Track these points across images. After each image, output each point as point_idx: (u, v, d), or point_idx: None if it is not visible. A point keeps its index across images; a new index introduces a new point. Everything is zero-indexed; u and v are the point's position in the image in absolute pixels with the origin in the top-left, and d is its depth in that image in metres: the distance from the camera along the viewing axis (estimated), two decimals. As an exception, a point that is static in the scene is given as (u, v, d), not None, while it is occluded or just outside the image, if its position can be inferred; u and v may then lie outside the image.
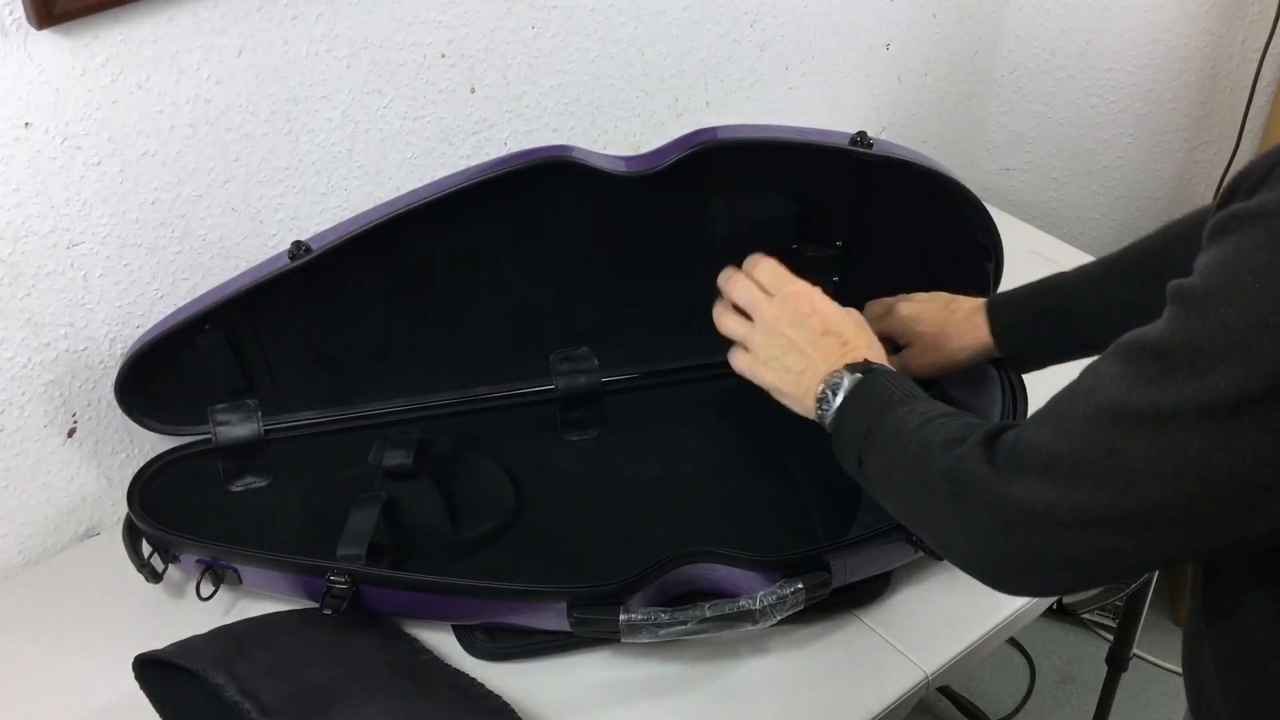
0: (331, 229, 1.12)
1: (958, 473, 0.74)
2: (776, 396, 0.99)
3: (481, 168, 1.09)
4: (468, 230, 1.15)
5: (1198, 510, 0.63)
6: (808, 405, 0.94)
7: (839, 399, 0.90)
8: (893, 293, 1.17)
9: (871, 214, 1.14)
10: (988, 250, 1.18)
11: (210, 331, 1.12)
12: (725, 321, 1.03)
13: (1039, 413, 0.72)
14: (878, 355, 0.95)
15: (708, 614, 1.00)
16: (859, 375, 0.90)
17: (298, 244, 1.08)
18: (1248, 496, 0.62)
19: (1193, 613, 0.83)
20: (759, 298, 1.00)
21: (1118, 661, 1.63)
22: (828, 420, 0.92)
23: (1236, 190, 0.65)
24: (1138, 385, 0.64)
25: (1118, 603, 1.81)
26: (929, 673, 1.06)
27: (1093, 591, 1.39)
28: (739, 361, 1.02)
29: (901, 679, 1.05)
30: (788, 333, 0.97)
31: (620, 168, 1.11)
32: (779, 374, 0.97)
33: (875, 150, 1.11)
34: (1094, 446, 0.65)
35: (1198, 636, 0.82)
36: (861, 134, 1.11)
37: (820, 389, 0.92)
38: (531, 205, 1.15)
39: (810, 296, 0.98)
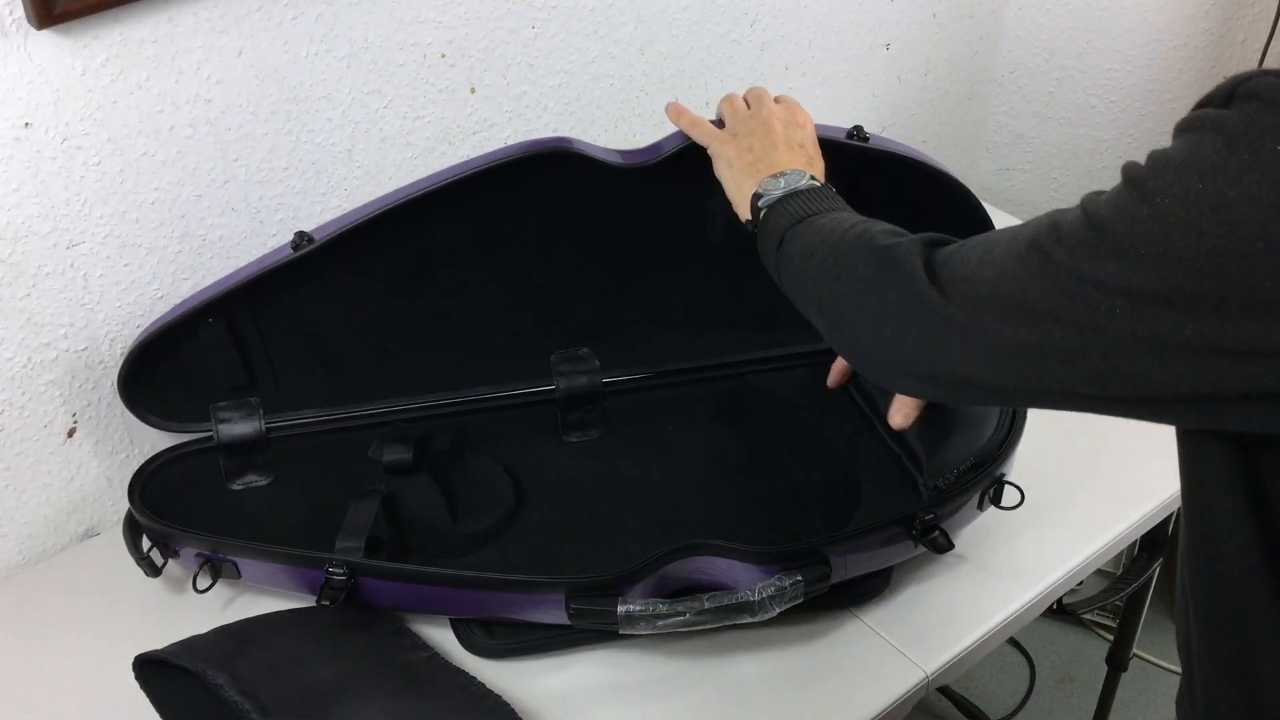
0: (334, 220, 1.13)
1: (890, 256, 0.79)
2: (721, 172, 1.03)
3: (483, 158, 1.10)
4: (470, 224, 1.15)
5: (1079, 363, 0.67)
6: (746, 189, 0.98)
7: (786, 188, 0.95)
8: None
9: (866, 207, 1.15)
10: None
11: (213, 323, 1.12)
12: (728, 99, 1.09)
13: (977, 238, 0.76)
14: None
15: (706, 605, 1.00)
16: (816, 183, 0.96)
17: (301, 234, 1.09)
18: (1140, 364, 0.65)
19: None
20: (768, 97, 1.07)
21: (1118, 661, 1.63)
22: (763, 200, 0.95)
23: (1214, 97, 0.66)
24: (1065, 243, 0.67)
25: (1118, 603, 1.81)
26: (929, 673, 1.06)
27: (1093, 591, 1.39)
28: (689, 119, 1.08)
29: (901, 679, 1.05)
30: (773, 124, 1.02)
31: (619, 159, 1.12)
32: (739, 150, 1.01)
33: (871, 144, 1.11)
34: (1011, 278, 0.69)
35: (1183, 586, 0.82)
36: (858, 128, 1.12)
37: (772, 175, 0.96)
38: (533, 201, 1.15)
39: (808, 121, 1.05)
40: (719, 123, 1.08)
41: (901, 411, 1.12)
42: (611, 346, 1.26)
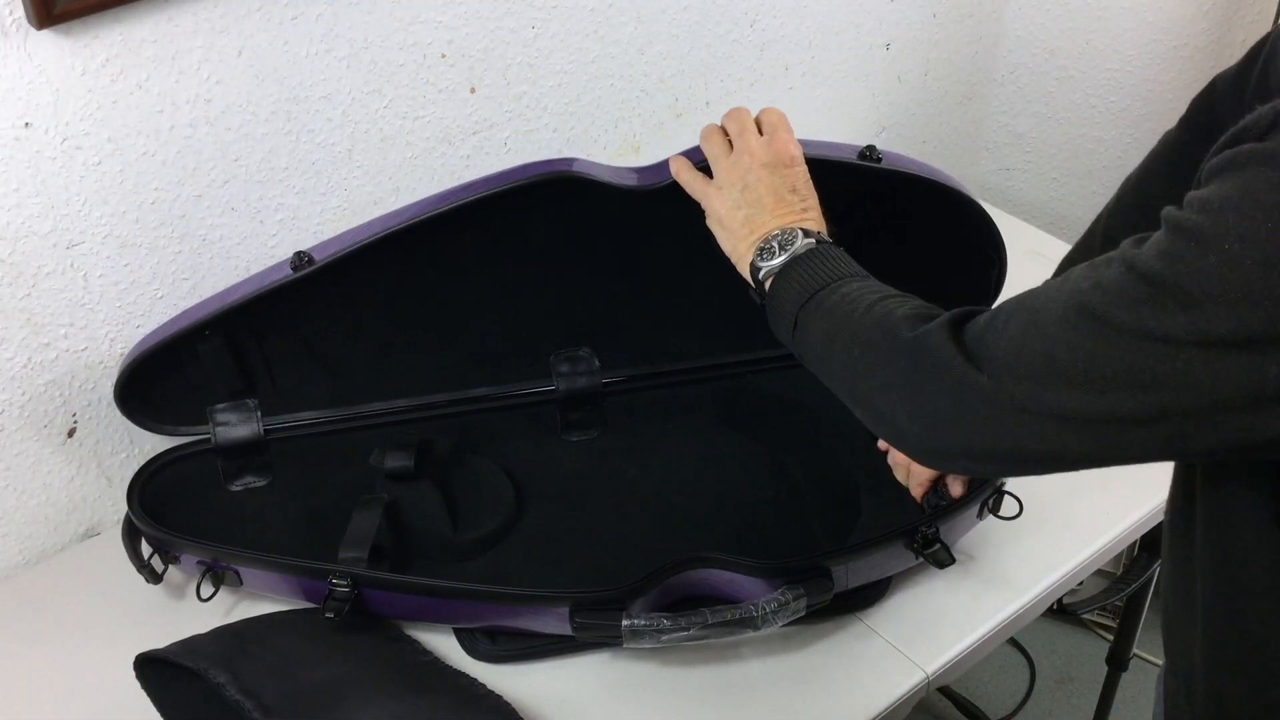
0: (334, 239, 1.11)
1: (922, 346, 0.74)
2: (713, 228, 0.98)
3: (486, 181, 1.09)
4: (471, 242, 1.15)
5: (1165, 422, 0.64)
6: (742, 251, 0.93)
7: (784, 256, 0.89)
8: None
9: (877, 224, 1.14)
10: (992, 259, 1.18)
11: (210, 338, 1.12)
12: (708, 138, 1.00)
13: (1006, 307, 0.72)
14: (825, 233, 0.94)
15: (710, 620, 1.00)
16: (812, 241, 0.89)
17: (300, 254, 1.08)
18: (1219, 417, 0.63)
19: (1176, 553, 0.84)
20: (750, 130, 0.98)
21: (1118, 661, 1.63)
22: (763, 273, 0.90)
23: (1249, 129, 0.64)
24: (1120, 302, 0.64)
25: (1118, 603, 1.81)
26: (929, 673, 1.06)
27: (1093, 591, 1.39)
28: (685, 176, 1.01)
29: (901, 679, 1.05)
30: (760, 173, 0.95)
31: (623, 181, 1.10)
32: (727, 207, 0.95)
33: (884, 165, 1.10)
34: (1070, 349, 0.66)
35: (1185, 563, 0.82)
36: (870, 148, 1.10)
37: (765, 239, 0.91)
38: (534, 217, 1.15)
39: (796, 153, 0.96)
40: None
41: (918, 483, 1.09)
42: (611, 346, 1.26)
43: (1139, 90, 1.73)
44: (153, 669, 0.98)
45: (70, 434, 1.18)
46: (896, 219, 1.18)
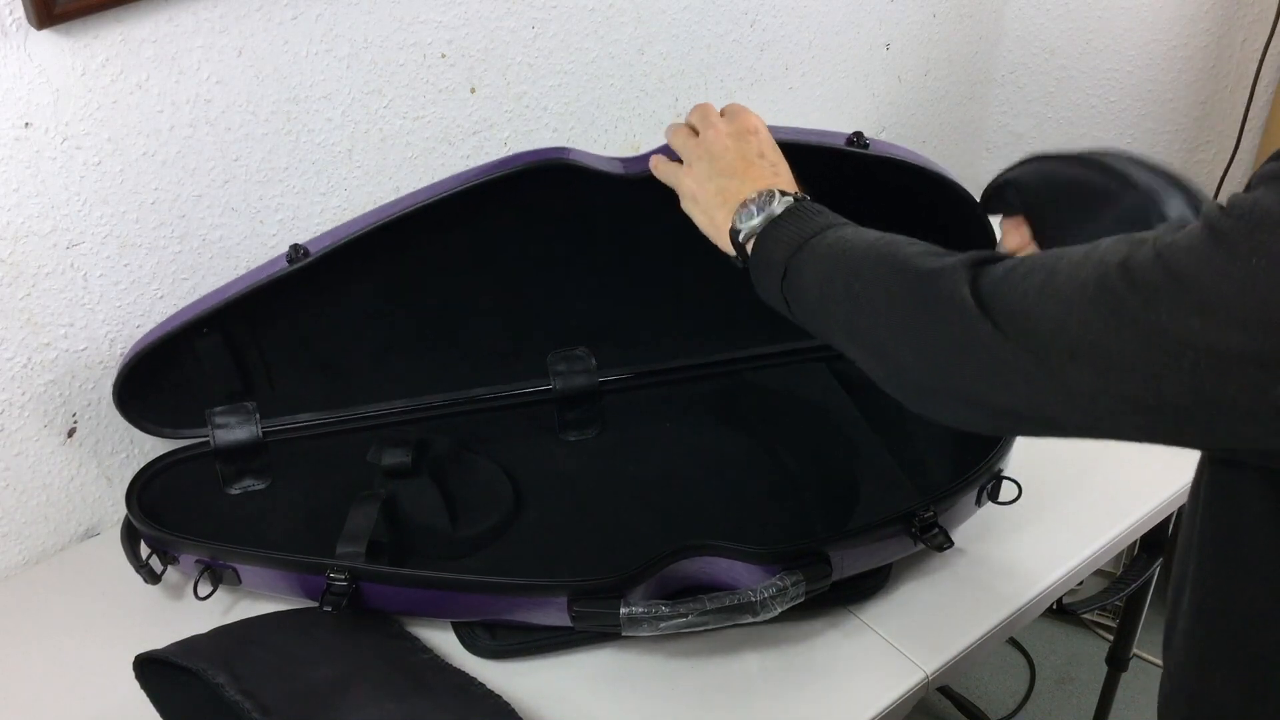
0: (329, 232, 1.12)
1: (935, 282, 0.73)
2: (688, 209, 0.97)
3: (478, 170, 1.09)
4: (465, 232, 1.15)
5: (1156, 415, 0.64)
6: (720, 221, 0.93)
7: (763, 215, 0.88)
8: None
9: (868, 213, 1.15)
10: (981, 246, 1.18)
11: (208, 335, 1.12)
12: (674, 133, 1.01)
13: (1029, 262, 0.70)
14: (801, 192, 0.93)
15: (708, 606, 1.00)
16: (790, 199, 0.89)
17: (295, 247, 1.08)
18: (1215, 420, 0.63)
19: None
20: (711, 114, 0.99)
21: (1118, 661, 1.63)
22: (743, 234, 0.90)
23: None
24: (1142, 290, 0.63)
25: (1118, 603, 1.81)
26: (929, 673, 1.06)
27: (1093, 591, 1.39)
28: (661, 167, 1.01)
29: (901, 679, 1.05)
30: (725, 142, 0.95)
31: (616, 169, 1.11)
32: (698, 181, 0.95)
33: (871, 150, 1.11)
34: (1083, 323, 0.65)
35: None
36: (858, 134, 1.11)
37: (743, 204, 0.90)
38: (528, 207, 1.15)
39: (759, 125, 0.97)
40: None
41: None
42: (608, 345, 1.26)
43: (1139, 90, 1.74)
44: (152, 669, 0.98)
45: (70, 434, 1.18)
46: (883, 206, 1.18)
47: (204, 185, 1.15)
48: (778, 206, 0.89)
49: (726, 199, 0.92)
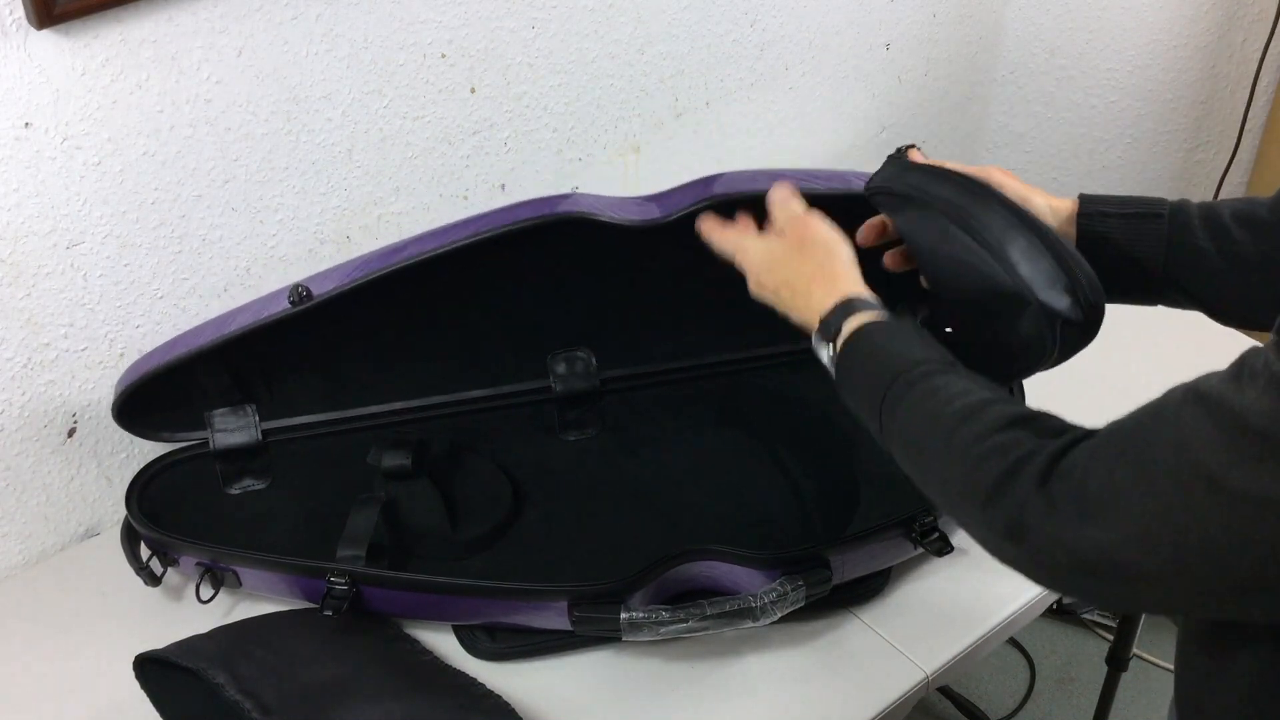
0: (332, 271, 1.10)
1: (1007, 499, 0.69)
2: (764, 297, 0.95)
3: (488, 219, 1.09)
4: (469, 274, 1.15)
5: (1264, 587, 0.61)
6: (814, 305, 0.89)
7: (835, 346, 0.85)
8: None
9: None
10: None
11: (208, 368, 1.12)
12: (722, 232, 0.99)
13: (1104, 444, 0.66)
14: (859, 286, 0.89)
15: (709, 611, 1.00)
16: (881, 315, 0.85)
17: (298, 287, 1.08)
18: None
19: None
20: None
21: (1118, 661, 1.63)
22: (826, 359, 0.87)
23: None
24: (1235, 461, 0.59)
25: (1118, 603, 1.81)
26: (929, 673, 1.06)
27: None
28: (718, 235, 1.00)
29: (901, 679, 1.05)
30: (778, 253, 0.94)
31: (627, 216, 1.10)
32: (775, 293, 0.93)
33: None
34: (1183, 510, 0.61)
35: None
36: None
37: (823, 314, 0.87)
38: (535, 255, 1.15)
39: (809, 220, 0.94)
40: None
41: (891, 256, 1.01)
42: (608, 346, 1.26)
43: (1139, 90, 1.74)
44: (152, 669, 0.98)
45: (70, 434, 1.18)
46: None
47: (204, 185, 1.15)
48: (856, 324, 0.84)
49: (810, 313, 0.89)
